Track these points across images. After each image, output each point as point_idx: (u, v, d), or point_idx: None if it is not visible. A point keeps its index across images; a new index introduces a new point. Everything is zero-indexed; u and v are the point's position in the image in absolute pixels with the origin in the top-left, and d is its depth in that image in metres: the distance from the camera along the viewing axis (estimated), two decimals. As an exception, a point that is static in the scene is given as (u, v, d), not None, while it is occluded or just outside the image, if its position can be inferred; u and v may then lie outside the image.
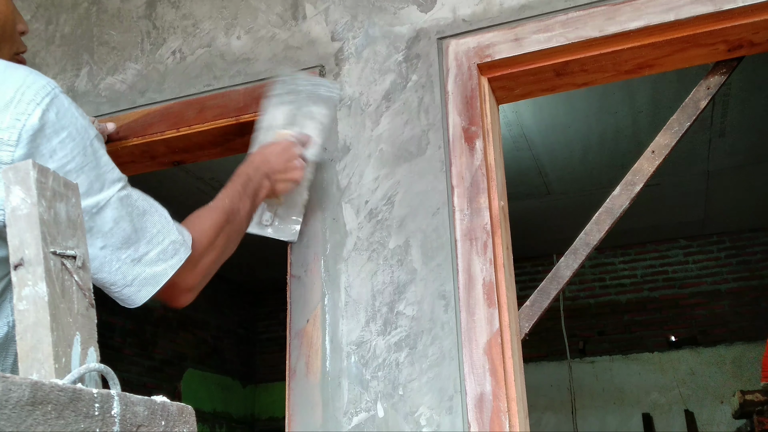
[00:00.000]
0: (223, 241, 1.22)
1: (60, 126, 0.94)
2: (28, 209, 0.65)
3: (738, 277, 6.23)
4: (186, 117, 1.84)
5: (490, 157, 1.57)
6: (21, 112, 0.91)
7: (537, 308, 1.57)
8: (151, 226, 1.07)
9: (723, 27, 1.52)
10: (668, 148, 1.63)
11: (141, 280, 1.05)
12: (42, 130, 0.92)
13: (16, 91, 0.92)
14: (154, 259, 1.06)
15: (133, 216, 1.05)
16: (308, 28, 1.83)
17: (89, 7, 2.08)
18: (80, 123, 0.99)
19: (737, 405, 3.81)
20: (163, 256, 1.07)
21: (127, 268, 1.03)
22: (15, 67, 0.97)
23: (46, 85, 0.95)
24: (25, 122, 0.91)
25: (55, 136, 0.94)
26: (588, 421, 6.13)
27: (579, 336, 6.41)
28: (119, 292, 1.04)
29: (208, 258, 1.18)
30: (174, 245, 1.09)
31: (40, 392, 0.50)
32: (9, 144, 0.89)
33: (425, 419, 1.42)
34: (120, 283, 1.03)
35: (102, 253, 1.01)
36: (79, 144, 0.97)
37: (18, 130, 0.90)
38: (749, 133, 4.54)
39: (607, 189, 1.75)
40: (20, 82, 0.93)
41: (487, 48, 1.63)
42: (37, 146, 0.92)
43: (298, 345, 1.56)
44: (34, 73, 0.97)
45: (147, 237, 1.06)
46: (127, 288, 1.04)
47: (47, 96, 0.94)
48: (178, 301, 1.16)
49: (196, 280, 1.16)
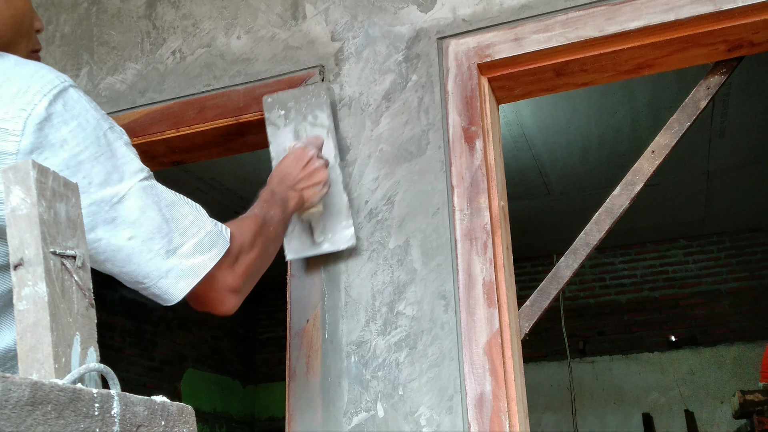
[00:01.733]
0: (261, 243, 1.15)
1: (69, 116, 0.92)
2: (28, 209, 0.65)
3: (738, 277, 6.23)
4: (186, 117, 1.84)
5: (490, 157, 1.57)
6: (27, 102, 0.90)
7: (537, 308, 1.57)
8: (182, 217, 1.01)
9: (723, 27, 1.52)
10: (668, 148, 1.63)
11: (178, 272, 0.98)
12: (49, 120, 0.90)
13: (24, 84, 0.91)
14: (190, 251, 0.99)
15: (162, 206, 0.99)
16: (308, 28, 1.83)
17: (89, 7, 2.08)
18: (92, 114, 0.96)
19: (737, 405, 3.81)
20: (200, 248, 1.00)
21: (161, 259, 0.97)
22: (26, 62, 0.96)
23: (54, 78, 0.94)
24: (31, 111, 0.89)
25: (64, 125, 0.91)
26: (588, 421, 6.13)
27: (579, 336, 6.41)
28: (154, 285, 0.97)
29: (248, 257, 1.10)
30: (210, 236, 1.03)
31: (40, 392, 0.50)
32: (14, 134, 0.88)
33: (425, 419, 1.42)
34: (154, 275, 0.97)
35: (130, 244, 0.95)
36: (91, 134, 0.94)
37: (23, 120, 0.89)
38: (749, 133, 4.54)
39: (607, 189, 1.75)
40: (29, 75, 0.93)
41: (487, 48, 1.63)
42: (45, 135, 0.90)
43: (298, 345, 1.56)
44: (45, 68, 0.95)
45: (180, 228, 0.99)
46: (162, 280, 0.97)
47: (55, 88, 0.92)
48: (222, 303, 1.06)
49: (238, 281, 1.07)
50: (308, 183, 1.41)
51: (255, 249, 1.13)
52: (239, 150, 1.95)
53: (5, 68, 0.93)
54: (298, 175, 1.40)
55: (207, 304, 1.06)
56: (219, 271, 1.03)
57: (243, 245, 1.10)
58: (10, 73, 0.92)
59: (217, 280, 1.03)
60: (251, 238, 1.13)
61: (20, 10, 1.06)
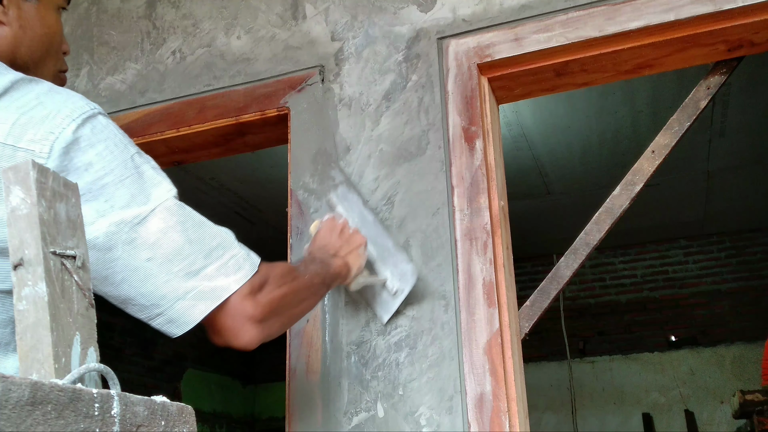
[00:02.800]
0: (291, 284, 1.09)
1: (96, 140, 0.92)
2: (28, 209, 0.65)
3: (738, 277, 6.23)
4: (186, 117, 1.84)
5: (490, 157, 1.57)
6: (56, 126, 0.90)
7: (537, 308, 1.57)
8: (209, 238, 0.97)
9: (723, 27, 1.52)
10: (668, 148, 1.63)
11: (196, 294, 0.94)
12: (76, 143, 0.91)
13: (54, 108, 0.92)
14: (213, 274, 0.95)
15: (187, 227, 0.96)
16: (308, 28, 1.83)
17: (89, 7, 2.08)
18: (119, 139, 0.96)
19: (737, 405, 3.81)
20: (225, 271, 0.96)
21: (179, 281, 0.93)
22: (59, 90, 0.97)
23: (84, 105, 0.94)
24: (59, 135, 0.90)
25: (90, 148, 0.92)
26: (588, 421, 6.13)
27: (579, 336, 6.41)
28: (170, 307, 0.93)
29: (275, 291, 1.04)
30: (236, 260, 0.98)
31: (40, 392, 0.50)
32: (41, 156, 0.88)
33: (425, 419, 1.42)
34: (171, 296, 0.93)
35: (148, 265, 0.92)
36: (118, 157, 0.94)
37: (50, 143, 0.89)
38: (749, 133, 4.54)
39: (607, 189, 1.75)
40: (61, 101, 0.93)
41: (487, 48, 1.62)
42: (71, 159, 0.90)
43: (298, 345, 1.56)
44: (77, 95, 0.96)
45: (205, 250, 0.96)
46: (179, 302, 0.93)
47: (84, 114, 0.93)
48: (241, 332, 0.99)
49: (260, 310, 1.00)
50: (349, 249, 1.36)
51: (283, 287, 1.07)
52: (239, 150, 1.95)
53: (38, 93, 0.94)
54: (337, 243, 1.36)
55: (225, 333, 0.99)
56: (239, 297, 0.97)
57: (269, 278, 1.04)
58: (42, 98, 0.93)
59: (235, 307, 0.97)
60: (281, 274, 1.07)
61: (52, 29, 1.09)
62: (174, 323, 0.95)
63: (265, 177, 4.74)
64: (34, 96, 0.93)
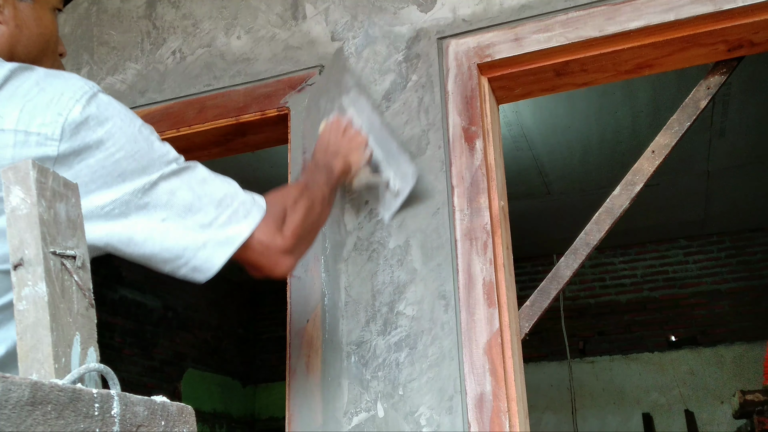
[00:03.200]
0: (306, 204, 1.19)
1: (104, 117, 0.97)
2: (28, 209, 0.65)
3: (738, 277, 6.23)
4: (186, 117, 1.84)
5: (490, 157, 1.57)
6: (63, 108, 0.94)
7: (537, 308, 1.57)
8: (215, 191, 1.06)
9: (723, 27, 1.52)
10: (668, 148, 1.63)
11: (215, 242, 1.02)
12: (86, 123, 0.95)
13: (57, 91, 0.96)
14: (225, 222, 1.04)
15: (193, 184, 1.04)
16: (308, 28, 1.83)
17: (89, 7, 2.08)
18: (124, 113, 1.01)
19: (737, 405, 3.81)
20: (235, 218, 1.05)
21: (197, 233, 1.01)
22: (55, 72, 1.01)
23: (84, 84, 0.98)
24: (67, 116, 0.93)
25: (99, 127, 0.96)
26: (588, 421, 6.13)
27: (579, 336, 6.41)
28: (194, 256, 1.01)
29: (295, 217, 1.14)
30: (244, 206, 1.07)
31: (40, 392, 0.50)
32: (53, 138, 0.92)
33: (425, 419, 1.42)
34: (192, 247, 1.01)
35: (164, 225, 0.99)
36: (127, 131, 0.99)
37: (60, 125, 0.93)
38: (749, 133, 4.54)
39: (607, 189, 1.75)
40: (61, 83, 0.97)
41: (487, 48, 1.62)
42: (83, 138, 0.94)
43: (298, 345, 1.56)
44: (74, 76, 1.00)
45: (213, 202, 1.04)
46: (201, 251, 1.01)
47: (86, 94, 0.97)
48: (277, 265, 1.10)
49: (289, 241, 1.10)
50: (350, 147, 1.47)
51: (300, 210, 1.17)
52: (239, 150, 1.95)
53: (37, 79, 0.98)
54: (339, 142, 1.46)
55: (262, 268, 1.10)
56: (267, 235, 1.07)
57: (286, 207, 1.14)
58: (42, 83, 0.97)
59: (267, 245, 1.07)
60: (294, 200, 1.17)
61: (48, 29, 1.13)
62: (198, 270, 1.03)
63: (265, 177, 4.74)
64: (33, 82, 0.97)
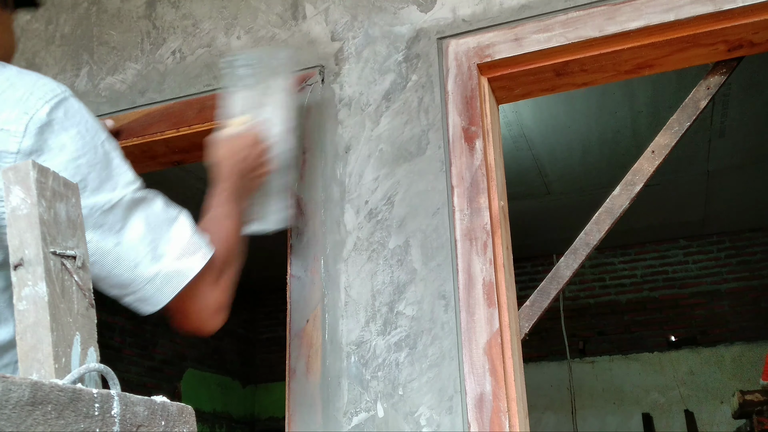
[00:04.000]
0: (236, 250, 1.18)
1: (69, 123, 0.97)
2: (28, 209, 0.65)
3: (738, 277, 6.23)
4: (186, 117, 1.84)
5: (490, 157, 1.57)
6: (30, 107, 0.95)
7: (537, 308, 1.57)
8: (167, 224, 1.06)
9: (723, 27, 1.52)
10: (668, 148, 1.63)
11: (164, 276, 1.02)
12: (50, 125, 0.95)
13: (27, 90, 0.97)
14: (176, 256, 1.04)
15: (148, 214, 1.04)
16: (308, 28, 1.83)
17: (89, 7, 2.08)
18: (91, 123, 1.01)
19: (737, 405, 3.81)
20: (186, 252, 1.05)
21: (147, 264, 1.01)
22: (27, 72, 1.02)
23: (56, 87, 0.99)
24: (33, 115, 0.94)
25: (63, 131, 0.96)
26: (588, 421, 6.13)
27: (579, 336, 6.41)
28: (141, 289, 1.01)
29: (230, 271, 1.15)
30: (193, 244, 1.07)
31: (40, 392, 0.50)
32: (16, 135, 0.93)
33: (425, 419, 1.42)
34: (140, 279, 1.00)
35: (117, 250, 0.99)
36: (90, 142, 0.99)
37: (25, 123, 0.94)
38: (749, 133, 4.54)
39: (607, 189, 1.75)
40: (32, 83, 0.98)
41: (487, 48, 1.63)
42: (45, 140, 0.95)
43: (298, 345, 1.56)
44: (46, 77, 1.01)
45: (166, 236, 1.04)
46: (149, 284, 1.01)
47: (56, 96, 0.98)
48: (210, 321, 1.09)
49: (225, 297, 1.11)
50: (259, 173, 1.42)
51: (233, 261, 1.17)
52: (239, 150, 1.95)
53: (8, 76, 0.99)
54: (254, 164, 1.39)
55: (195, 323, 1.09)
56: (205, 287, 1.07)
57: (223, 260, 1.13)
58: (13, 79, 0.98)
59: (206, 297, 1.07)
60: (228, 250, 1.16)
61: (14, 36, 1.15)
62: (146, 302, 1.02)
63: (265, 177, 4.73)
64: (4, 78, 0.98)
